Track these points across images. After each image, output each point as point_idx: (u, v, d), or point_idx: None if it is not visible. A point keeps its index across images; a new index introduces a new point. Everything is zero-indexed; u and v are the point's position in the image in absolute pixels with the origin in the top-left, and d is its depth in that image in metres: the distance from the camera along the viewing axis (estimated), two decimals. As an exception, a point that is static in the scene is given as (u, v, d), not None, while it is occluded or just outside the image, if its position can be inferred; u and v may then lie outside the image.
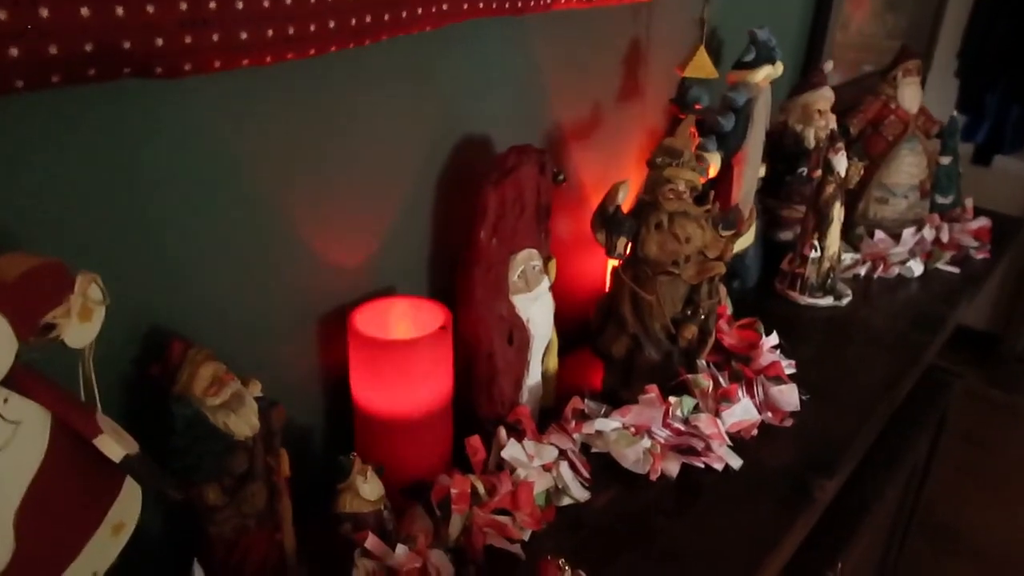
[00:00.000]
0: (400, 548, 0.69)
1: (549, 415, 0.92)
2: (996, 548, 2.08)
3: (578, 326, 1.03)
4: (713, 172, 1.07)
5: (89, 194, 0.57)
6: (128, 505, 0.52)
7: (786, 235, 1.34)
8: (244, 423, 0.62)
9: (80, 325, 0.46)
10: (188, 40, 0.51)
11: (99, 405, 0.50)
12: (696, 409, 0.92)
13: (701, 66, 1.03)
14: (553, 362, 0.94)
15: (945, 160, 1.49)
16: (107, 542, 0.51)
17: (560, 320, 0.93)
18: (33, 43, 0.44)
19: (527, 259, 0.85)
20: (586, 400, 0.93)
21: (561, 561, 0.67)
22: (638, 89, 1.13)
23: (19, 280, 0.42)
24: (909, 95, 1.41)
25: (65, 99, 0.53)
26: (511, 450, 0.82)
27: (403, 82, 0.78)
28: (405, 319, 0.82)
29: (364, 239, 0.81)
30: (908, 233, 1.41)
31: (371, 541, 0.70)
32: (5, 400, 0.43)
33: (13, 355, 0.42)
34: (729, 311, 1.12)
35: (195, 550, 0.65)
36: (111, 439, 0.48)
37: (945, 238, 1.45)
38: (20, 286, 0.42)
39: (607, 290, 0.99)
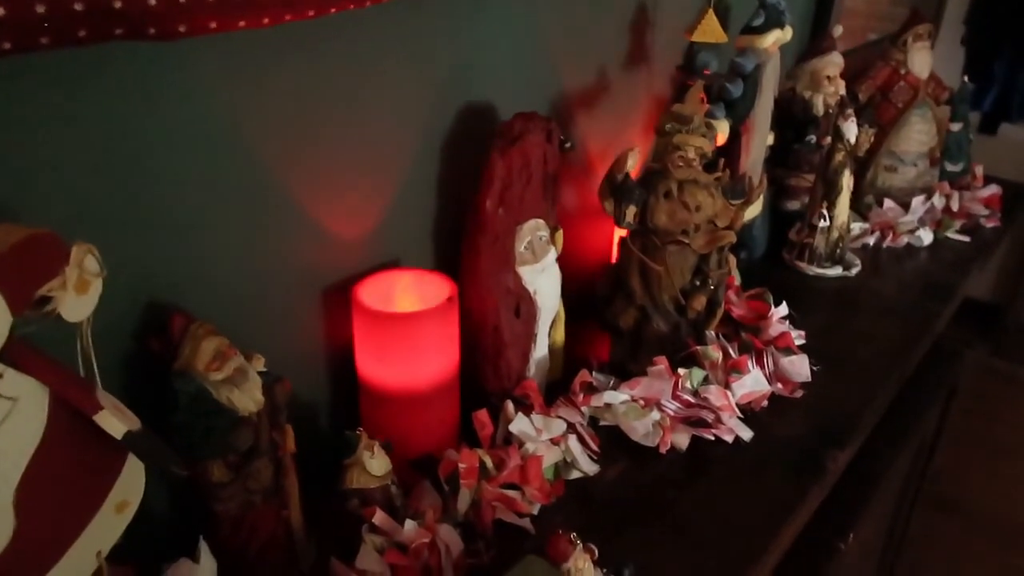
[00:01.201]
0: (409, 523, 0.69)
1: (557, 388, 0.91)
2: (1000, 518, 2.09)
3: (585, 297, 1.01)
4: (721, 140, 1.05)
5: (84, 164, 0.55)
6: (131, 483, 0.51)
7: (794, 205, 1.32)
8: (248, 398, 0.61)
9: (76, 298, 0.44)
10: (182, 0, 0.49)
11: (99, 381, 0.49)
12: (706, 381, 0.90)
13: (710, 30, 1.00)
14: (560, 334, 0.93)
15: (956, 127, 1.47)
16: (111, 520, 0.50)
17: (567, 291, 0.91)
18: (19, 2, 0.42)
19: (534, 229, 0.84)
20: (594, 373, 0.92)
21: (573, 535, 0.66)
22: (645, 54, 1.11)
23: (12, 252, 0.41)
24: (919, 60, 1.38)
25: (57, 64, 0.51)
26: (519, 424, 0.81)
27: (406, 46, 0.76)
28: (410, 292, 0.80)
29: (367, 210, 0.79)
30: (917, 202, 1.39)
31: (379, 516, 0.69)
32: (1, 375, 0.42)
33: (7, 329, 0.40)
34: (737, 282, 1.10)
35: (201, 528, 0.64)
36: (112, 415, 0.46)
37: (955, 206, 1.43)
38: (13, 258, 0.41)
39: (615, 261, 0.98)
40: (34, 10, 0.43)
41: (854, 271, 1.23)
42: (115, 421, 0.47)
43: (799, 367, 0.95)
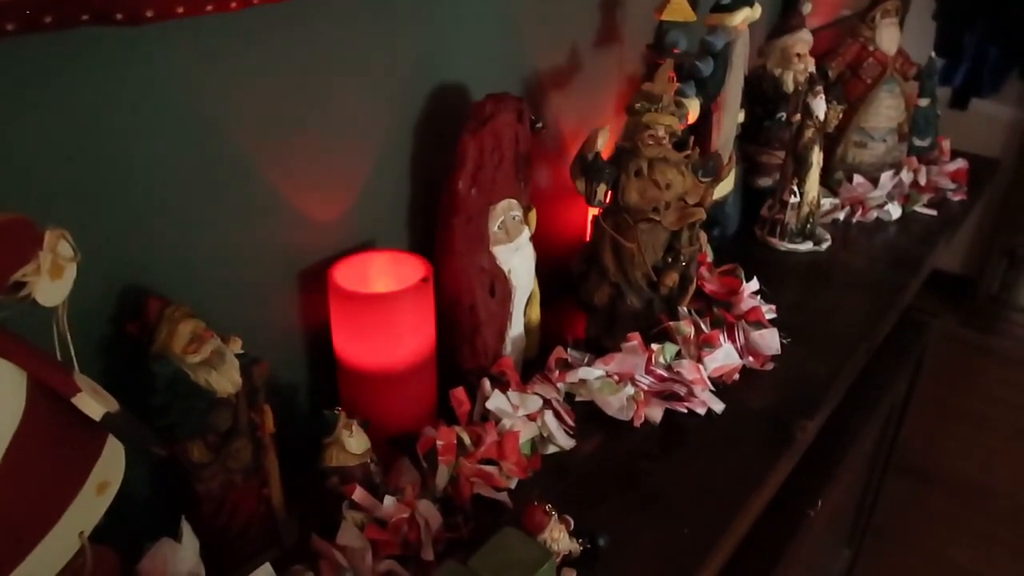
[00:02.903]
0: (388, 499, 0.70)
1: (533, 365, 0.93)
2: (969, 484, 2.15)
3: (560, 276, 1.03)
4: (692, 118, 1.06)
5: (55, 150, 0.55)
6: (111, 464, 0.52)
7: (765, 181, 1.34)
8: (226, 380, 0.62)
9: (51, 283, 0.45)
10: (148, -15, 0.49)
11: (76, 364, 0.49)
12: (678, 355, 0.92)
13: (679, 9, 1.01)
14: (536, 313, 0.94)
15: (923, 102, 1.49)
16: (92, 501, 0.50)
17: (542, 270, 0.93)
18: (-16, -11, 0.42)
19: (507, 209, 0.85)
20: (569, 349, 0.93)
21: (547, 506, 0.68)
22: (616, 34, 1.11)
23: (-16, 237, 0.41)
24: (887, 37, 1.40)
25: (27, 50, 0.51)
26: (496, 401, 0.82)
27: (376, 28, 0.76)
28: (386, 273, 0.81)
29: (342, 192, 0.79)
30: (886, 177, 1.41)
31: (358, 493, 0.70)
32: (-23, 360, 0.42)
33: (-17, 314, 0.41)
34: (710, 258, 1.12)
35: (183, 507, 0.65)
36: (90, 397, 0.47)
37: (923, 181, 1.45)
38: (-14, 244, 0.41)
39: (588, 239, 0.99)
40: (0, -3, 0.43)
41: (824, 246, 1.25)
42: (93, 403, 0.47)
43: (769, 340, 0.97)
